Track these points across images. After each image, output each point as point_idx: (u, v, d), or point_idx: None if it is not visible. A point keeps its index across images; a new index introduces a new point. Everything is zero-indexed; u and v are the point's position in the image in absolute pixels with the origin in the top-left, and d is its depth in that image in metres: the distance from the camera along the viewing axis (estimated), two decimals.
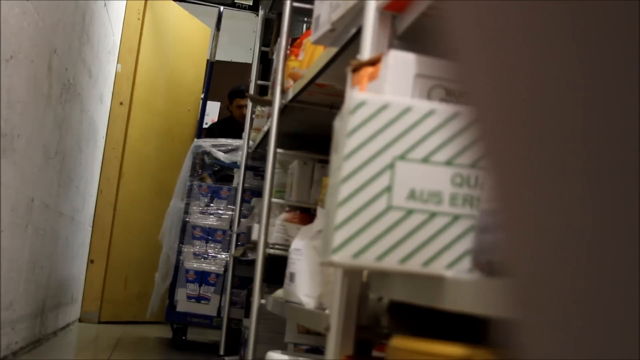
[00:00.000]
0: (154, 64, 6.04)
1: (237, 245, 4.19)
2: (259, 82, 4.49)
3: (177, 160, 5.41)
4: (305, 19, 4.55)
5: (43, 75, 3.22)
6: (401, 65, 1.23)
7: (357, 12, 1.72)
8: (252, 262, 3.04)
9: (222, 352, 4.08)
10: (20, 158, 2.94)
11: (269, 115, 3.02)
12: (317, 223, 2.08)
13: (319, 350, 2.45)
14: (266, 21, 4.70)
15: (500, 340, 0.65)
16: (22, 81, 2.84)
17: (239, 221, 4.16)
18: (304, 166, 2.90)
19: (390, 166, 1.06)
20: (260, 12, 4.71)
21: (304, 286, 2.02)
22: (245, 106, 5.73)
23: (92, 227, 5.51)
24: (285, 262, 2.16)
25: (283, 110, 2.85)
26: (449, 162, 1.06)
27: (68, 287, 4.75)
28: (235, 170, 4.63)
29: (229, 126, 5.83)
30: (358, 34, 1.68)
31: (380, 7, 1.53)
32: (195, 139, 4.81)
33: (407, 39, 1.51)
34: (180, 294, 4.48)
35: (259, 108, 4.12)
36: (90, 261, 5.51)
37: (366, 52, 1.52)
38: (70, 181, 4.30)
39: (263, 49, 4.64)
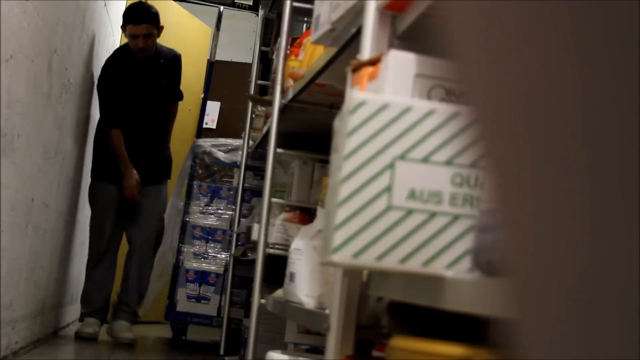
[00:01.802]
0: None
1: (237, 245, 4.19)
2: (259, 82, 4.49)
3: (177, 160, 5.41)
4: (305, 19, 4.54)
5: (43, 75, 3.22)
6: (401, 65, 1.23)
7: (357, 12, 1.72)
8: (252, 262, 3.04)
9: (222, 352, 4.08)
10: (20, 158, 2.94)
11: (269, 115, 3.02)
12: (317, 223, 2.08)
13: (319, 350, 2.45)
14: (266, 21, 4.71)
15: (500, 340, 0.65)
16: (22, 81, 2.84)
17: (239, 221, 4.16)
18: (304, 166, 2.90)
19: (390, 166, 1.06)
20: (260, 12, 4.71)
21: (304, 286, 2.02)
22: (142, 36, 4.37)
23: None
24: (285, 262, 2.16)
25: (283, 110, 2.85)
26: (449, 162, 1.06)
27: (68, 287, 4.75)
28: (235, 170, 4.63)
29: (125, 60, 4.47)
30: (358, 34, 1.68)
31: (380, 7, 1.53)
32: (195, 139, 4.81)
33: (407, 39, 1.51)
34: (180, 294, 4.48)
35: (259, 108, 4.12)
36: None
37: (366, 52, 1.52)
38: (70, 181, 4.30)
39: (263, 48, 4.64)
